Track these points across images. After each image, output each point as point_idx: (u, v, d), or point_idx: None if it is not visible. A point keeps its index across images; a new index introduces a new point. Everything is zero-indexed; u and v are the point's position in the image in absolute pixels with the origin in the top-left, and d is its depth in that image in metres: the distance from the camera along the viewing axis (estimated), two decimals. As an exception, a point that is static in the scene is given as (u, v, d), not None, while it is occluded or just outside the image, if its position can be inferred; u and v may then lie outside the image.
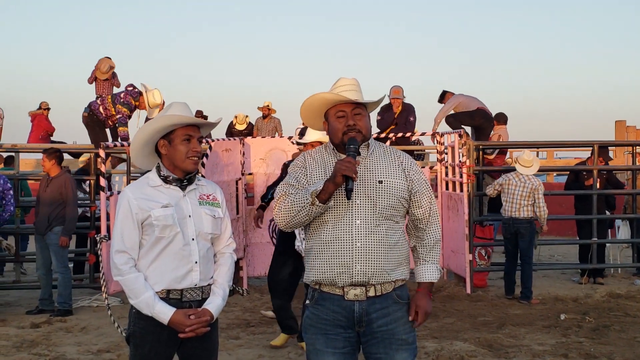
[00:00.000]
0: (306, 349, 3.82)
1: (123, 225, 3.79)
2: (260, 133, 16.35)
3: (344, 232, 3.61)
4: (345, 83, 3.76)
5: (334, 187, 3.53)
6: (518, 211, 10.26)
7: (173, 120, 3.79)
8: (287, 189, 3.71)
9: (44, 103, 16.70)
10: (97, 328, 8.73)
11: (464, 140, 10.96)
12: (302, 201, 3.58)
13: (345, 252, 3.60)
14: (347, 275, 3.60)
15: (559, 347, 7.58)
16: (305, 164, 3.79)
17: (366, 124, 3.72)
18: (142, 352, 3.82)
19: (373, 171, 3.70)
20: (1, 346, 7.93)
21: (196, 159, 3.86)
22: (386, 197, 3.65)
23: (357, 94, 3.73)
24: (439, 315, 9.23)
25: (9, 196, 9.18)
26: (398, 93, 12.57)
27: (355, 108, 3.70)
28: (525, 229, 10.29)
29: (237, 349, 7.61)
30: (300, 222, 3.65)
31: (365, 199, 3.63)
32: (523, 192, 10.24)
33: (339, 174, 3.50)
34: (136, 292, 3.74)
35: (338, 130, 3.70)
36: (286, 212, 3.63)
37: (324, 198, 3.54)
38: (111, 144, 9.83)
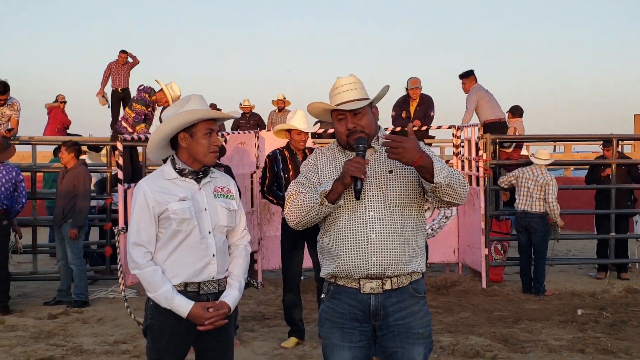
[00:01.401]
0: (322, 343, 3.81)
1: (139, 219, 3.79)
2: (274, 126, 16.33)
3: (358, 224, 3.61)
4: (342, 84, 3.73)
5: (343, 187, 3.55)
6: (530, 205, 10.22)
7: (199, 114, 3.79)
8: (297, 188, 3.71)
9: (60, 96, 16.78)
10: (113, 319, 8.76)
11: (481, 134, 10.91)
12: (312, 201, 3.59)
13: (360, 244, 3.59)
14: (362, 267, 3.59)
15: (575, 342, 7.54)
16: (317, 161, 3.81)
17: (368, 121, 3.69)
18: (159, 345, 3.83)
19: (383, 162, 3.69)
20: (19, 337, 7.98)
21: (216, 153, 3.87)
22: (397, 187, 3.64)
23: (356, 92, 3.70)
24: (454, 310, 9.20)
25: (20, 188, 9.21)
26: (416, 83, 12.42)
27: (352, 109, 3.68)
28: (537, 224, 10.24)
29: (252, 341, 7.63)
30: (310, 222, 3.67)
31: (377, 189, 3.63)
32: (535, 186, 10.20)
33: (347, 174, 3.50)
34: (154, 285, 3.75)
35: (341, 133, 3.71)
36: (296, 211, 3.65)
37: (332, 198, 3.56)
38: (128, 137, 9.84)
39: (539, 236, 10.29)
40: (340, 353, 3.68)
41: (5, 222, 9.10)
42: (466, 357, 6.96)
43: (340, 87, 3.72)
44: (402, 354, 3.66)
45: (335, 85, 3.75)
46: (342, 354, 3.68)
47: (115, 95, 16.55)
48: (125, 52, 16.64)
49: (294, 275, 7.39)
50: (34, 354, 7.24)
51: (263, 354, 7.17)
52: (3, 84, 10.54)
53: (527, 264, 10.53)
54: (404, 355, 3.66)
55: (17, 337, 7.97)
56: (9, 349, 7.46)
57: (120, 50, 16.63)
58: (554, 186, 10.19)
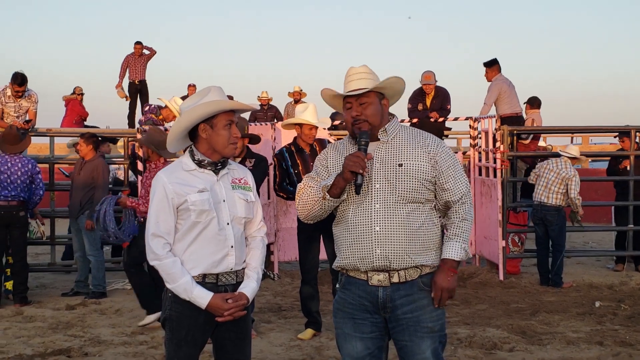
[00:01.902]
0: (335, 332, 3.84)
1: (158, 210, 3.80)
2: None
3: (363, 217, 3.63)
4: (353, 72, 3.76)
5: (344, 182, 3.58)
6: (547, 197, 10.18)
7: (221, 105, 3.80)
8: (306, 182, 3.77)
9: (77, 88, 16.85)
10: (130, 310, 8.80)
11: (498, 126, 10.86)
12: (316, 195, 3.65)
13: (365, 236, 3.62)
14: (368, 260, 3.62)
15: (593, 335, 7.50)
16: (327, 156, 3.83)
17: (374, 111, 3.69)
18: (178, 336, 3.84)
19: (393, 155, 3.69)
20: (37, 327, 8.03)
21: (236, 145, 3.88)
22: (406, 180, 3.63)
23: (365, 81, 3.71)
24: (471, 302, 9.18)
25: (37, 180, 9.25)
26: (429, 78, 12.34)
27: (360, 97, 3.69)
28: (553, 217, 10.21)
29: (269, 332, 7.64)
30: (317, 215, 3.73)
31: (385, 182, 3.64)
32: (556, 178, 10.15)
33: (346, 169, 3.54)
34: (174, 276, 3.76)
35: (347, 121, 3.75)
36: (303, 205, 3.73)
37: (335, 192, 3.60)
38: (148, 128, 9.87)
39: (555, 229, 10.25)
40: (353, 343, 3.71)
41: (22, 214, 9.14)
42: (483, 349, 6.94)
43: (351, 76, 3.74)
44: (411, 348, 3.67)
45: (346, 74, 3.77)
46: (355, 344, 3.70)
47: (132, 88, 16.61)
48: (141, 44, 16.68)
49: (311, 267, 7.41)
50: (52, 344, 7.28)
51: (280, 345, 7.18)
52: (21, 76, 10.59)
53: (545, 256, 10.48)
54: (412, 349, 3.67)
55: (35, 327, 8.02)
56: (28, 339, 7.51)
57: (136, 42, 16.68)
58: (577, 182, 10.13)
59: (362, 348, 3.68)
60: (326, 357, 6.72)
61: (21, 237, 9.24)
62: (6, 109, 10.77)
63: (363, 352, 3.68)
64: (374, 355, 3.71)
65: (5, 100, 10.73)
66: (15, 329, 7.97)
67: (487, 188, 11.06)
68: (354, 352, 3.70)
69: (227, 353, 3.95)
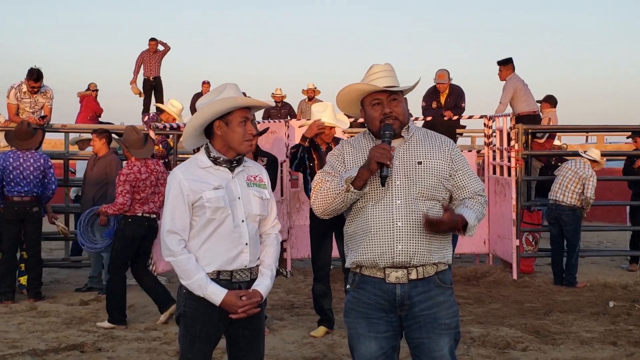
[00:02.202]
0: (348, 333, 3.81)
1: (174, 207, 3.80)
2: (304, 116, 16.32)
3: (384, 213, 3.60)
4: (379, 70, 3.74)
5: (369, 173, 3.55)
6: (563, 194, 10.15)
7: (236, 102, 3.80)
8: (323, 177, 3.73)
9: (92, 84, 16.92)
10: (144, 306, 8.82)
11: (513, 124, 10.82)
12: (338, 188, 3.59)
13: (386, 232, 3.59)
14: (388, 255, 3.59)
15: (607, 335, 7.47)
16: (343, 151, 3.81)
17: (403, 110, 3.71)
18: (192, 333, 3.84)
19: (412, 153, 3.69)
20: (51, 322, 8.06)
21: (251, 142, 3.87)
22: (426, 178, 3.64)
23: (392, 79, 3.71)
24: (484, 301, 9.16)
25: (49, 174, 9.26)
26: (442, 77, 12.29)
27: (390, 95, 3.69)
28: (568, 216, 10.17)
29: (282, 329, 7.64)
30: (337, 209, 3.68)
31: (405, 179, 3.63)
32: (574, 177, 10.11)
33: (373, 161, 3.51)
34: (188, 273, 3.76)
35: (375, 118, 3.70)
36: (322, 199, 3.66)
37: (359, 185, 3.56)
38: (161, 125, 9.90)
39: (570, 229, 10.22)
40: (367, 343, 3.68)
41: (35, 209, 9.17)
42: (497, 348, 6.92)
43: (377, 73, 3.72)
44: (429, 345, 3.65)
45: (371, 71, 3.75)
46: (369, 345, 3.67)
47: (147, 84, 16.64)
48: (155, 40, 16.71)
49: (323, 265, 7.41)
50: (66, 339, 7.32)
51: (292, 343, 7.18)
52: (37, 72, 10.63)
53: (559, 255, 10.45)
54: (430, 346, 3.65)
55: (49, 322, 8.06)
56: (41, 334, 7.55)
57: (150, 38, 16.71)
58: (594, 183, 10.10)
59: (377, 348, 3.66)
60: (339, 354, 6.72)
61: (35, 233, 9.26)
62: (22, 105, 10.81)
63: (377, 352, 3.66)
64: (388, 355, 3.69)
65: (20, 96, 10.77)
66: (29, 323, 8.01)
67: (501, 187, 11.03)
68: (367, 352, 3.67)
69: (240, 350, 3.95)
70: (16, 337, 7.42)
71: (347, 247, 3.79)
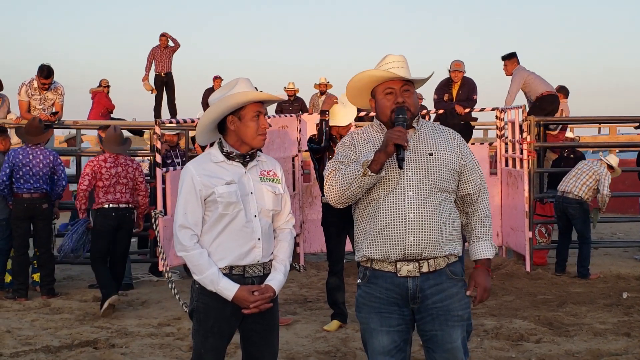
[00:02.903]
0: (361, 327, 3.81)
1: (186, 201, 3.81)
2: (316, 110, 16.30)
3: (396, 204, 3.59)
4: (393, 60, 3.73)
5: (386, 156, 3.52)
6: (573, 185, 10.11)
7: (249, 96, 3.79)
8: (337, 165, 3.70)
9: (104, 80, 16.93)
10: (157, 302, 8.85)
11: (525, 116, 10.78)
12: (354, 173, 3.56)
13: (398, 223, 3.58)
14: (400, 247, 3.58)
15: (620, 326, 7.44)
16: (354, 141, 3.78)
17: (415, 102, 3.71)
18: (205, 327, 3.85)
19: (423, 144, 3.69)
20: (64, 319, 8.09)
21: (264, 136, 3.86)
22: (438, 169, 3.64)
23: (406, 70, 3.71)
24: (497, 293, 9.13)
25: (59, 171, 9.27)
26: (459, 66, 12.27)
27: (403, 85, 3.69)
28: (575, 210, 10.14)
29: (295, 324, 7.65)
30: (353, 196, 3.63)
31: (417, 170, 3.62)
32: (589, 170, 10.08)
33: (390, 142, 3.48)
34: (201, 268, 3.76)
35: (386, 107, 3.69)
36: (338, 186, 3.62)
37: (375, 168, 3.52)
38: (167, 121, 9.90)
39: (578, 222, 10.21)
40: (380, 337, 3.67)
41: (45, 206, 9.18)
42: (510, 340, 6.90)
43: (392, 62, 3.71)
44: (442, 337, 3.65)
45: (385, 60, 3.74)
46: (381, 339, 3.67)
47: (158, 80, 16.65)
48: (166, 35, 16.72)
49: (338, 258, 7.41)
50: (79, 336, 7.34)
51: (305, 337, 7.19)
52: (47, 69, 10.65)
53: (564, 244, 10.52)
54: (443, 338, 3.65)
55: (62, 319, 8.09)
56: (55, 331, 7.58)
57: (161, 34, 16.72)
58: (609, 179, 10.10)
59: (389, 342, 3.66)
60: (352, 348, 6.72)
61: (45, 230, 9.25)
62: (32, 101, 10.85)
63: (390, 345, 3.66)
64: (400, 348, 3.68)
65: (31, 93, 10.81)
66: (43, 320, 8.03)
67: (513, 179, 10.98)
68: (380, 346, 3.67)
69: (253, 345, 3.95)
70: (29, 334, 7.45)
71: (358, 240, 3.77)
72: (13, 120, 10.91)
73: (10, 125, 10.55)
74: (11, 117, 11.05)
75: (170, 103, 16.71)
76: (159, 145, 9.09)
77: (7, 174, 8.98)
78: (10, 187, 9.04)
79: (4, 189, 9.03)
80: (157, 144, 9.11)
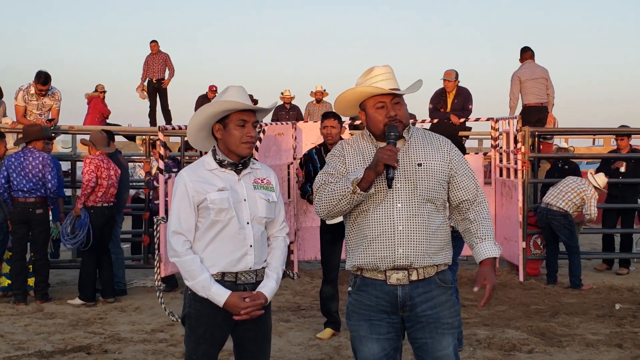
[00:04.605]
0: (350, 335, 3.81)
1: (180, 208, 3.83)
2: (312, 118, 16.33)
3: (385, 216, 3.60)
4: (380, 72, 3.73)
5: (375, 175, 3.53)
6: (557, 198, 10.16)
7: (227, 105, 3.80)
8: (326, 178, 3.71)
9: (100, 86, 16.94)
10: (150, 308, 8.85)
11: (519, 127, 10.82)
12: (343, 190, 3.57)
13: (387, 235, 3.59)
14: (389, 259, 3.59)
15: (613, 337, 7.46)
16: (344, 152, 3.78)
17: (405, 113, 3.72)
18: (197, 334, 3.86)
19: (412, 154, 3.69)
20: (57, 324, 8.09)
21: (250, 144, 3.86)
22: (426, 180, 3.64)
23: (393, 82, 3.72)
24: (490, 303, 9.12)
25: (47, 172, 9.14)
26: (450, 75, 12.30)
27: (393, 98, 3.69)
28: (559, 222, 10.20)
29: (288, 331, 7.65)
30: (341, 211, 3.65)
31: (405, 182, 3.62)
32: (575, 189, 10.13)
33: (380, 162, 3.49)
34: (192, 274, 3.78)
35: (379, 121, 3.69)
36: (326, 201, 3.63)
37: (364, 186, 3.53)
38: (169, 127, 9.93)
39: (565, 234, 10.26)
40: (369, 345, 3.68)
41: (40, 211, 9.17)
42: (502, 350, 6.91)
43: (379, 75, 3.71)
44: (432, 344, 3.66)
45: (372, 74, 3.73)
46: (371, 346, 3.68)
47: (150, 86, 16.66)
48: (156, 42, 16.73)
49: (333, 267, 7.43)
50: (72, 341, 7.34)
51: (298, 345, 7.19)
52: (44, 75, 10.67)
53: (552, 255, 10.57)
54: (433, 346, 3.66)
55: (55, 324, 8.09)
56: (48, 336, 7.58)
57: (151, 40, 16.75)
58: (594, 202, 10.17)
59: (379, 350, 3.66)
60: (345, 356, 6.73)
61: (41, 235, 9.24)
62: (29, 107, 10.86)
63: (380, 353, 3.66)
64: (390, 356, 3.69)
65: (28, 98, 10.82)
66: (36, 325, 8.04)
67: (507, 189, 11.02)
68: (370, 354, 3.67)
69: (246, 352, 3.97)
70: (22, 338, 7.45)
71: (348, 249, 3.78)
72: (9, 124, 10.92)
73: (5, 130, 10.56)
74: (7, 121, 11.06)
75: (163, 109, 16.73)
76: (162, 151, 9.11)
77: (4, 176, 9.01)
78: (9, 191, 9.06)
79: (4, 192, 9.05)
80: (160, 150, 9.14)
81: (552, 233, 10.43)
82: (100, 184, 9.10)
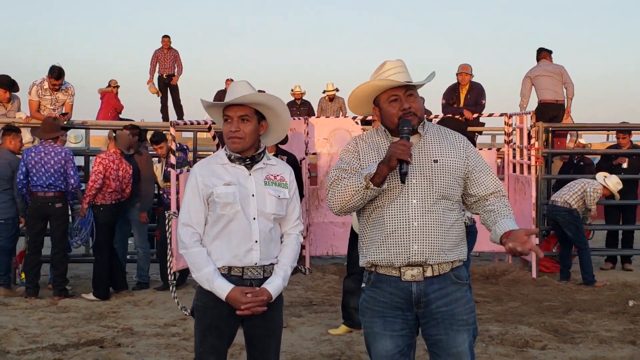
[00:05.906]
0: (364, 331, 3.79)
1: (190, 201, 3.87)
2: (324, 114, 16.32)
3: (400, 212, 3.58)
4: (393, 66, 3.69)
5: (388, 170, 3.50)
6: (560, 195, 10.14)
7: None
8: (339, 174, 3.68)
9: (113, 81, 16.97)
10: (163, 302, 8.88)
11: (533, 122, 10.78)
12: (356, 185, 3.54)
13: (402, 231, 3.56)
14: (404, 255, 3.56)
15: (626, 334, 7.43)
16: (357, 147, 3.75)
17: (420, 105, 3.68)
18: (203, 325, 3.89)
19: (428, 150, 3.66)
20: (71, 318, 8.13)
21: (236, 140, 3.85)
22: (442, 176, 3.61)
23: (406, 75, 3.68)
24: (503, 299, 9.13)
25: (69, 167, 9.17)
26: (466, 69, 12.27)
27: (407, 90, 3.66)
28: (564, 217, 10.16)
29: (300, 326, 7.66)
30: (354, 207, 3.62)
31: (421, 178, 3.59)
32: (579, 183, 10.12)
33: (393, 157, 3.46)
34: (198, 265, 3.81)
35: (393, 115, 3.65)
36: (340, 196, 3.60)
37: (378, 181, 3.51)
38: (181, 122, 9.95)
39: (571, 230, 10.21)
40: (383, 342, 3.66)
41: (59, 205, 9.20)
42: (515, 346, 6.90)
43: (392, 69, 3.67)
44: (447, 341, 3.63)
45: (385, 68, 3.70)
46: (385, 343, 3.65)
47: (161, 82, 16.65)
48: (168, 37, 16.72)
49: (356, 262, 7.40)
50: (86, 335, 7.37)
51: (310, 340, 7.20)
52: (58, 70, 10.69)
53: (565, 252, 10.55)
54: (448, 342, 3.63)
55: (69, 318, 8.13)
56: (62, 329, 7.61)
57: (163, 35, 16.74)
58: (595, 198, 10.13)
59: (393, 346, 3.64)
60: (356, 352, 6.72)
61: (59, 229, 9.26)
62: (43, 102, 10.90)
63: (393, 350, 3.64)
64: (404, 353, 3.67)
65: (42, 93, 10.86)
66: (50, 319, 8.08)
67: (521, 185, 10.98)
68: (384, 350, 3.65)
69: (254, 348, 3.98)
70: (37, 332, 7.49)
71: (362, 245, 3.76)
72: (23, 119, 10.96)
73: (20, 124, 10.60)
74: (21, 116, 11.09)
75: (175, 104, 16.73)
76: (174, 146, 9.12)
77: (23, 172, 9.05)
78: (27, 186, 9.10)
79: (22, 187, 9.10)
80: (172, 146, 9.14)
81: (561, 230, 10.39)
82: (107, 184, 9.19)
